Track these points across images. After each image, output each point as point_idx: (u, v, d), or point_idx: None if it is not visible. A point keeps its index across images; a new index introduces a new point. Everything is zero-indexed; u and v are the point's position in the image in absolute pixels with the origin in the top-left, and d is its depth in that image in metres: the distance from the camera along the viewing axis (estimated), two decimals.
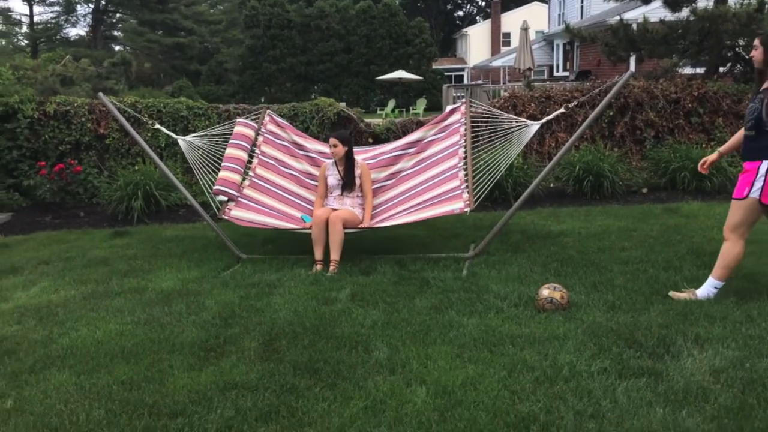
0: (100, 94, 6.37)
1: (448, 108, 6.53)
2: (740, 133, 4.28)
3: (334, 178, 5.89)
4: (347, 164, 5.86)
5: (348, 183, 5.83)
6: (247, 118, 6.82)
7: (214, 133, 6.67)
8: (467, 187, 5.49)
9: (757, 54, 4.10)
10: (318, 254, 5.48)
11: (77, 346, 3.94)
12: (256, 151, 6.40)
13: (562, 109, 5.82)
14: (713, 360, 3.36)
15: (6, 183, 9.08)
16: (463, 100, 6.42)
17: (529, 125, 5.84)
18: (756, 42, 4.12)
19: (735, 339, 3.61)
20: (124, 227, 7.62)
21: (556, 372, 3.31)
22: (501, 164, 5.74)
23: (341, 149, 5.79)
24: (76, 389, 3.36)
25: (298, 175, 6.47)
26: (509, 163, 5.87)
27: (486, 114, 6.23)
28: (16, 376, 3.57)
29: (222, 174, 5.97)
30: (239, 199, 5.88)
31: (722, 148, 4.52)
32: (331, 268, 5.34)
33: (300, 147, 6.69)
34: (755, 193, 4.04)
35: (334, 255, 5.39)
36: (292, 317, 4.25)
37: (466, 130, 6.01)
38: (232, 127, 6.50)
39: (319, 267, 5.42)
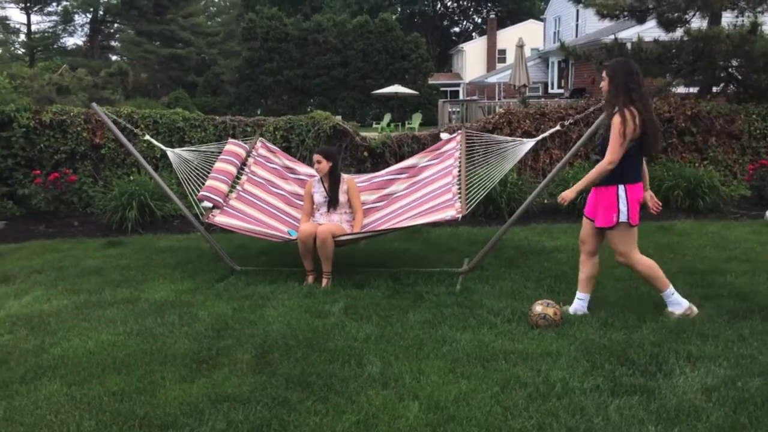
0: (94, 104, 6.35)
1: (444, 137, 6.50)
2: (595, 169, 4.26)
3: (320, 195, 5.82)
4: (332, 180, 5.82)
5: (333, 199, 5.77)
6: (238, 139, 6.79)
7: (204, 149, 6.65)
8: (459, 198, 5.50)
9: (604, 85, 4.27)
10: (308, 265, 5.47)
11: (69, 356, 3.92)
12: (246, 170, 6.38)
13: (557, 127, 5.86)
14: (705, 378, 3.37)
15: (0, 191, 9.05)
16: (460, 131, 6.41)
17: (524, 142, 5.87)
18: (603, 73, 4.28)
19: (727, 358, 3.62)
20: (118, 237, 7.60)
21: (548, 388, 3.31)
22: (495, 176, 5.75)
23: (325, 165, 5.74)
24: (67, 400, 3.34)
25: (286, 195, 6.45)
26: (502, 175, 5.88)
27: (484, 141, 6.24)
28: (6, 386, 3.55)
29: (209, 182, 5.92)
30: (224, 207, 5.85)
31: (578, 185, 4.39)
32: (324, 282, 5.33)
33: (291, 170, 6.68)
34: (623, 217, 4.19)
35: (326, 267, 5.38)
36: (285, 330, 4.24)
37: (461, 154, 6.02)
38: (223, 146, 6.50)
39: (310, 279, 5.42)
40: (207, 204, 5.80)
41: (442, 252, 6.45)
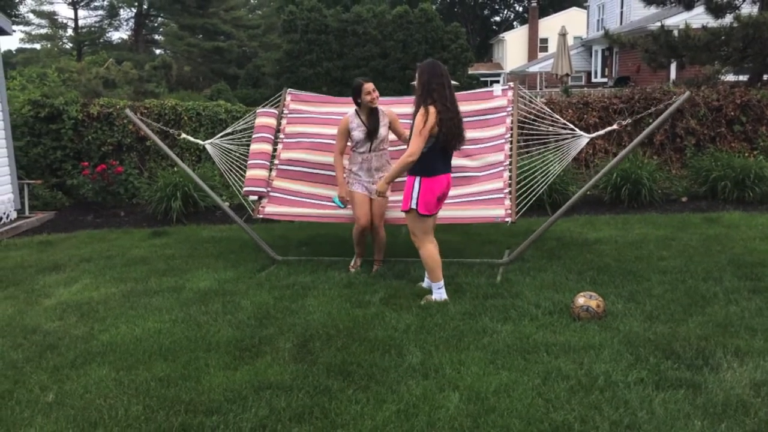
0: (127, 110, 6.42)
1: (494, 89, 6.06)
2: (398, 162, 4.59)
3: (360, 131, 5.32)
4: (373, 111, 5.36)
5: (374, 130, 5.32)
6: (264, 106, 6.39)
7: (238, 128, 6.52)
8: (510, 192, 5.39)
9: (416, 83, 4.56)
10: (359, 250, 5.57)
11: (117, 342, 4.03)
12: (280, 135, 6.18)
13: (615, 126, 5.75)
14: (754, 373, 3.29)
15: (50, 182, 9.33)
16: (511, 84, 6.05)
17: (578, 136, 5.68)
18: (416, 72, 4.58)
19: None
20: (162, 227, 7.76)
21: (591, 381, 3.27)
22: (548, 176, 5.62)
23: (378, 95, 5.34)
24: (116, 385, 3.44)
25: (324, 141, 6.00)
26: (554, 177, 5.75)
27: (534, 111, 6.09)
28: (57, 371, 3.67)
29: (249, 173, 5.91)
30: (270, 194, 5.89)
31: (387, 177, 4.74)
32: (376, 266, 5.50)
33: (325, 114, 6.27)
34: (413, 204, 4.55)
35: (379, 255, 5.54)
36: (326, 319, 4.28)
37: (512, 122, 5.73)
38: (255, 119, 6.25)
39: (359, 262, 5.56)
40: (253, 197, 5.88)
41: (482, 243, 6.41)
